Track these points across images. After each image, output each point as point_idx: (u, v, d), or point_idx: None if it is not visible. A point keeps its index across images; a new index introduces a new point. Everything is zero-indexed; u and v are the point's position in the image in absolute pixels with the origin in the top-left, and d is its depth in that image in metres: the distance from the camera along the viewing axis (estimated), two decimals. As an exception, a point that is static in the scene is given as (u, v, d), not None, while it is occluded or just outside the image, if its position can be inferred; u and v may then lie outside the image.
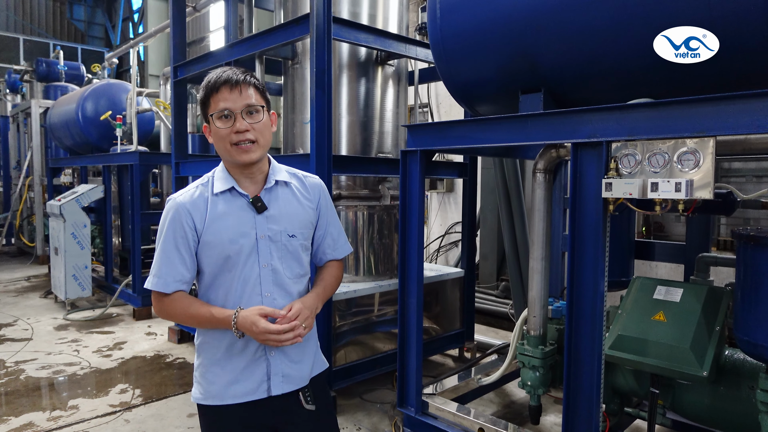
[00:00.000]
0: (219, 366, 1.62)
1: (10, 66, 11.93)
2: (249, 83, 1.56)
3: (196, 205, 1.59)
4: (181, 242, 1.58)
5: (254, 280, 1.60)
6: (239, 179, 1.63)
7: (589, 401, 2.25)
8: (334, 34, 3.39)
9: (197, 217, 1.58)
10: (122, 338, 5.32)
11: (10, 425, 3.43)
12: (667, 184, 1.94)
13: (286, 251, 1.64)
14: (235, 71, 1.56)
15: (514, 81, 2.59)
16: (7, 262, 9.98)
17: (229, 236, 1.57)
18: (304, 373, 1.69)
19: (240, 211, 1.60)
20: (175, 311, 1.60)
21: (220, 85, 1.53)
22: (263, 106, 1.59)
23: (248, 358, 1.61)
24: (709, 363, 2.20)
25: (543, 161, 2.61)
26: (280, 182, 1.68)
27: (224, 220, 1.58)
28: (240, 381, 1.61)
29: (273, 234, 1.61)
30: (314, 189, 1.75)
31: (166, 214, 1.61)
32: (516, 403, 3.83)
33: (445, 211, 7.90)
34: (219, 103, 1.54)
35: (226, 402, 1.61)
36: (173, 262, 1.57)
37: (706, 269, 3.07)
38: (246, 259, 1.59)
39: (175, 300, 1.59)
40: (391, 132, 4.25)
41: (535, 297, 2.68)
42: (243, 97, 1.54)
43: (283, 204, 1.65)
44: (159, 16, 16.68)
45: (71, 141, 7.74)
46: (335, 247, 1.80)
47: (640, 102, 2.06)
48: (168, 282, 1.57)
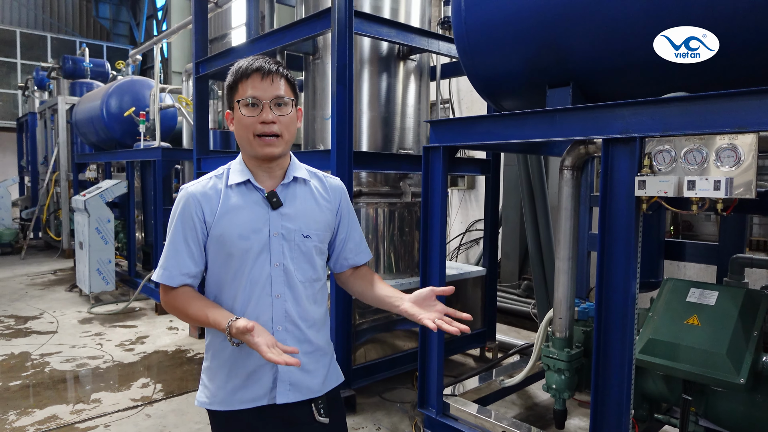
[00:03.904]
0: (225, 369, 1.54)
1: (38, 63, 12.17)
2: (281, 74, 1.48)
3: (207, 197, 1.51)
4: (190, 234, 1.49)
5: (264, 280, 1.50)
6: (256, 173, 1.54)
7: (618, 406, 2.17)
8: (356, 28, 3.34)
9: (208, 209, 1.49)
10: (144, 332, 5.37)
11: (34, 417, 3.48)
12: (704, 182, 1.85)
13: (299, 251, 1.53)
14: (268, 60, 1.48)
15: (542, 74, 2.51)
16: (35, 255, 10.20)
17: (239, 231, 1.48)
18: (313, 384, 1.57)
19: (254, 205, 1.51)
20: (177, 307, 1.50)
21: (252, 72, 1.46)
22: (292, 99, 1.50)
23: (255, 363, 1.51)
24: (746, 370, 2.10)
25: (571, 158, 2.52)
26: (299, 179, 1.58)
27: (236, 214, 1.49)
28: (247, 386, 1.52)
29: (287, 232, 1.51)
30: (335, 191, 1.65)
31: (177, 204, 1.53)
32: (539, 405, 3.75)
33: (465, 208, 7.81)
34: (248, 90, 1.45)
35: (233, 408, 1.53)
36: (181, 254, 1.49)
37: (741, 271, 2.94)
38: (256, 256, 1.49)
39: (179, 295, 1.50)
40: (412, 128, 4.19)
41: (561, 298, 2.60)
42: (273, 87, 1.46)
43: (299, 202, 1.56)
44: (182, 13, 16.84)
45: (96, 137, 7.86)
46: (357, 251, 1.71)
47: (676, 96, 1.97)
48: (174, 275, 1.49)
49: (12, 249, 10.42)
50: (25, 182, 12.55)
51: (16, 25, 18.40)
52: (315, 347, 1.58)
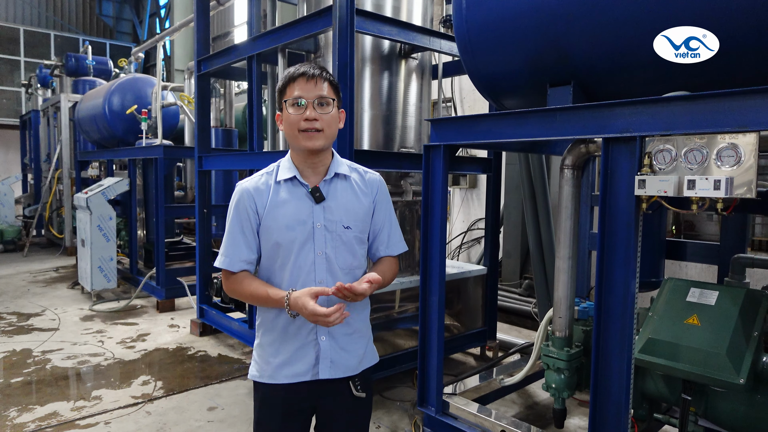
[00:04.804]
0: (274, 347, 1.74)
1: (42, 61, 12.18)
2: (324, 78, 1.67)
3: (259, 191, 1.71)
4: (245, 225, 1.71)
5: (309, 267, 1.69)
6: (302, 169, 1.73)
7: (617, 406, 2.17)
8: (357, 26, 3.33)
9: (260, 202, 1.70)
10: (146, 330, 5.38)
11: (35, 414, 3.49)
12: (705, 182, 1.84)
13: (340, 241, 1.72)
14: (313, 66, 1.68)
15: (543, 73, 2.50)
16: (37, 252, 10.24)
17: (286, 222, 1.68)
18: (351, 363, 1.76)
19: (299, 199, 1.70)
20: (238, 289, 1.72)
21: (298, 75, 1.65)
22: (334, 99, 1.69)
23: (301, 342, 1.72)
24: (746, 370, 2.09)
25: (571, 157, 2.51)
26: (340, 175, 1.76)
27: (284, 207, 1.69)
28: (292, 363, 1.72)
29: (329, 224, 1.70)
30: (372, 184, 1.82)
31: (233, 199, 1.74)
32: (539, 404, 3.75)
33: (467, 207, 7.81)
34: (294, 91, 1.65)
35: (279, 381, 1.73)
36: (238, 243, 1.71)
37: (742, 271, 2.93)
38: (302, 246, 1.68)
39: (239, 279, 1.72)
40: (414, 126, 4.19)
41: (561, 297, 2.60)
42: (317, 88, 1.64)
43: (340, 196, 1.74)
44: (185, 11, 16.85)
45: (98, 135, 7.86)
46: (389, 243, 1.85)
47: (677, 95, 1.96)
48: (234, 261, 1.70)
49: (15, 246, 10.46)
50: (28, 180, 12.57)
51: (19, 22, 18.44)
52: (354, 329, 1.78)
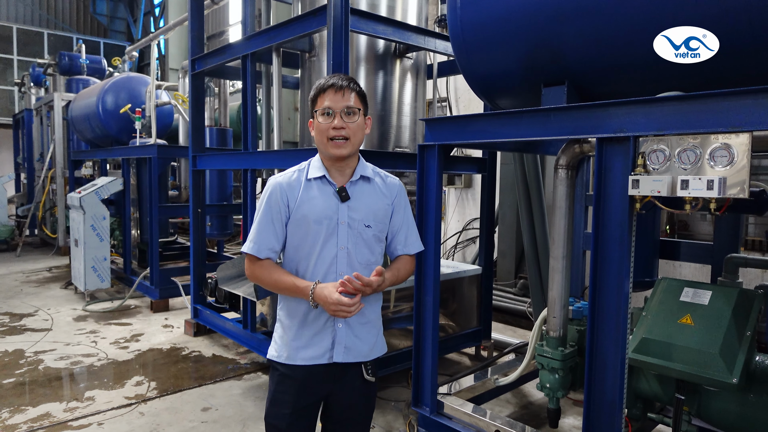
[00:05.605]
0: (293, 332, 1.88)
1: (35, 60, 12.11)
2: (352, 89, 1.81)
3: (291, 186, 1.85)
4: (275, 216, 1.84)
5: (331, 260, 1.83)
6: (330, 170, 1.87)
7: (611, 406, 2.17)
8: (352, 25, 3.32)
9: (291, 197, 1.84)
10: (139, 330, 5.36)
11: (27, 415, 3.46)
12: (698, 182, 1.85)
13: (360, 238, 1.86)
14: (342, 78, 1.82)
15: (537, 73, 2.50)
16: (30, 252, 10.17)
17: (315, 216, 1.82)
18: (363, 349, 1.91)
19: (327, 197, 1.84)
20: (262, 275, 1.85)
21: (327, 87, 1.80)
22: (360, 109, 1.83)
23: (318, 327, 1.86)
24: (739, 369, 2.10)
25: (565, 157, 2.52)
26: (365, 177, 1.90)
27: (313, 202, 1.83)
28: (310, 346, 1.86)
29: (352, 221, 1.84)
30: (392, 187, 1.96)
31: (265, 191, 1.88)
32: (534, 404, 3.75)
33: (462, 206, 7.81)
34: (324, 102, 1.80)
35: (296, 362, 1.86)
36: (267, 232, 1.84)
37: (735, 270, 2.95)
38: (326, 239, 1.82)
39: (264, 266, 1.85)
40: (408, 126, 4.18)
41: (556, 297, 2.60)
42: (344, 99, 1.79)
43: (364, 197, 1.88)
44: (180, 10, 16.76)
45: (92, 134, 7.82)
46: (406, 243, 1.98)
47: (670, 95, 1.96)
48: (261, 248, 1.84)
49: (8, 246, 10.39)
50: (21, 179, 12.50)
51: (12, 21, 18.30)
52: (367, 319, 1.92)
